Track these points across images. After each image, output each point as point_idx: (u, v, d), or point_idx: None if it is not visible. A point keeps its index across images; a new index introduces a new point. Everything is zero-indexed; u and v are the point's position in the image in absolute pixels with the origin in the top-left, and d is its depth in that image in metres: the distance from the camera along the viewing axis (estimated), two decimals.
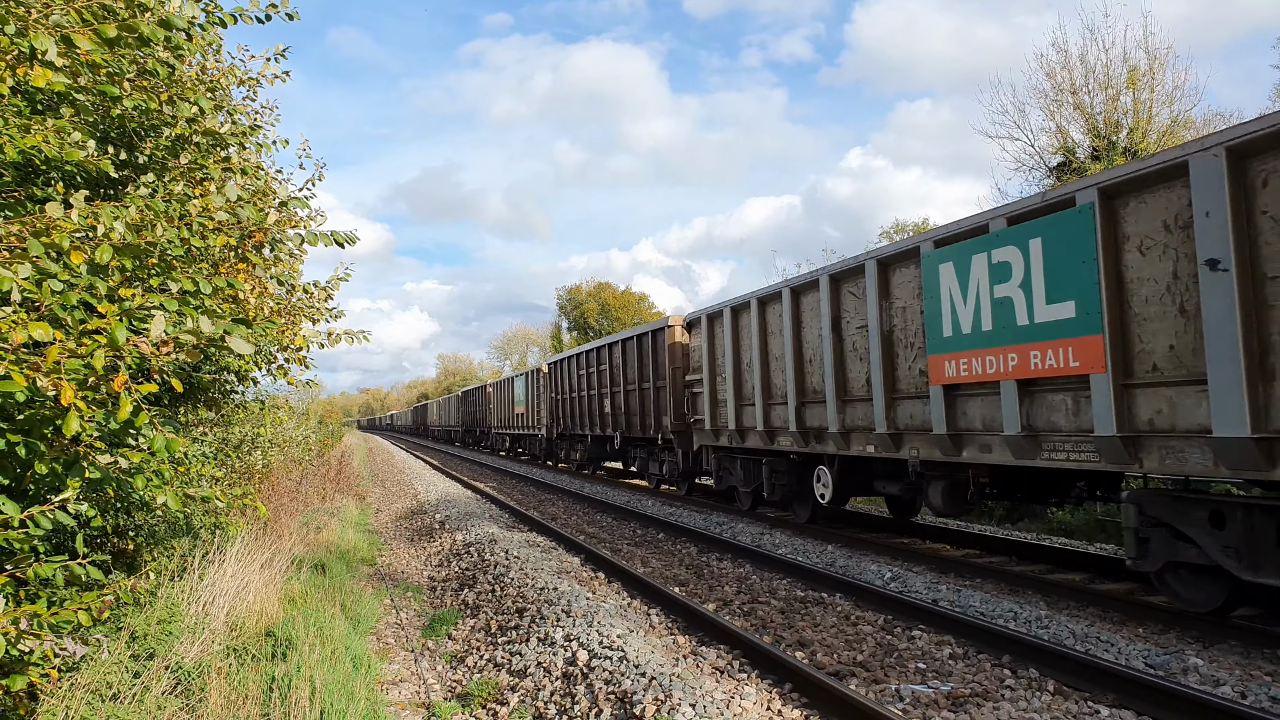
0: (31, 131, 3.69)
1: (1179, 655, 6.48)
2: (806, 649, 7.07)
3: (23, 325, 2.99)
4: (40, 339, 3.02)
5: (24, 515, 3.26)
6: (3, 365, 2.92)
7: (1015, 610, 7.89)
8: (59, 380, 2.99)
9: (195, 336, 3.23)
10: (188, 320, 3.25)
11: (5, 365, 2.93)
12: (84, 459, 3.55)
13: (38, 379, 2.97)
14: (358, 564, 11.37)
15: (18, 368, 2.96)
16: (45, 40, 3.28)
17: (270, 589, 7.14)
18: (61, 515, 3.37)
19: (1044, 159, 24.71)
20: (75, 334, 3.22)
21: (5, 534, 3.14)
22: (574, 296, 71.64)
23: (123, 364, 3.18)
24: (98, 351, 3.08)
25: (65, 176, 4.59)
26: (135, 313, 3.29)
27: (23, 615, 3.28)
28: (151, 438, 3.43)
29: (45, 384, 2.97)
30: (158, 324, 3.15)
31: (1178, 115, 22.49)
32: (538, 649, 6.93)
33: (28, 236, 3.13)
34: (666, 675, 5.82)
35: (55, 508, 3.34)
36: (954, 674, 6.32)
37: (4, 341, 2.97)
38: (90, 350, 3.10)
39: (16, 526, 3.23)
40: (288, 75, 6.35)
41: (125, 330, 3.09)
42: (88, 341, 3.15)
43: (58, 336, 3.08)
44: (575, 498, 19.92)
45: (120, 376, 3.11)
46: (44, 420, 3.37)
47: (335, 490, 17.62)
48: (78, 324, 3.28)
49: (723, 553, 11.84)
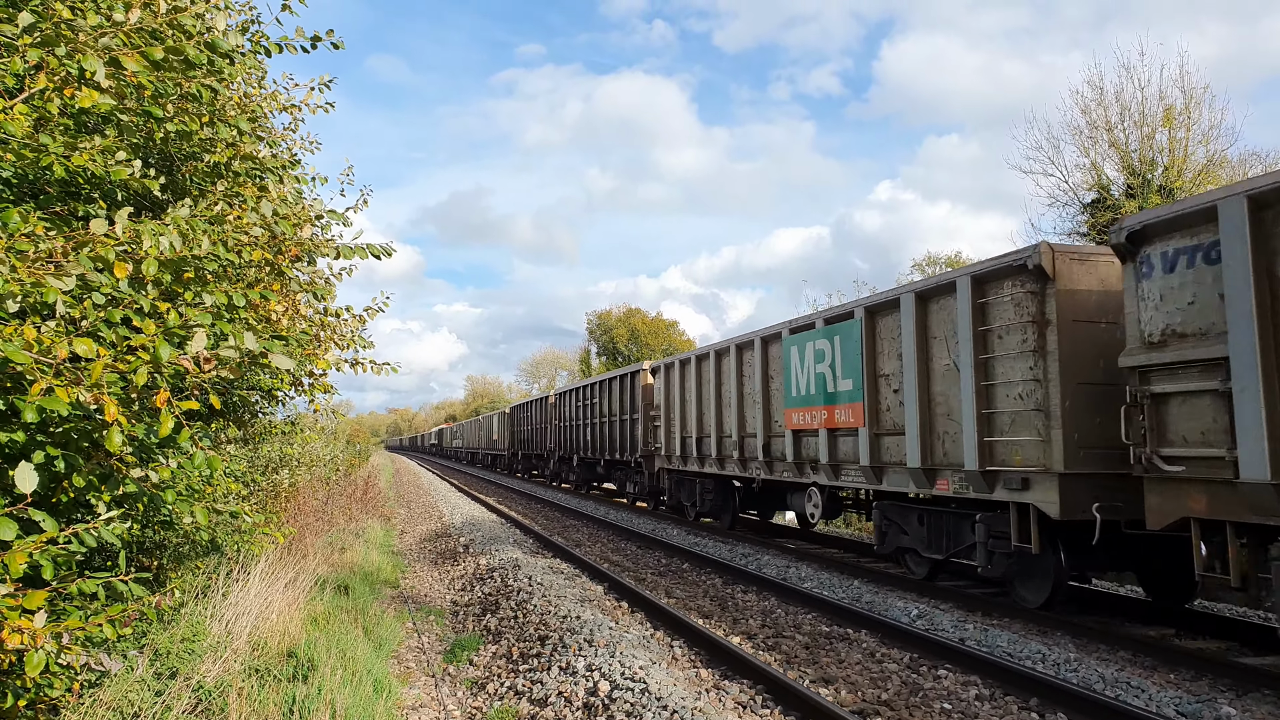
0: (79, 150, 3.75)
1: (1211, 704, 6.32)
2: (831, 685, 6.97)
3: (65, 340, 3.03)
4: (83, 354, 3.04)
5: (69, 532, 3.27)
6: (46, 380, 2.95)
7: (1043, 652, 7.74)
8: (101, 395, 3.01)
9: (238, 352, 3.26)
10: (230, 337, 3.28)
11: (49, 380, 2.96)
12: (117, 473, 3.57)
13: (80, 394, 2.99)
14: (381, 586, 11.37)
15: (60, 381, 2.99)
16: (94, 62, 3.34)
17: (293, 609, 7.15)
18: (105, 531, 3.37)
19: (1078, 195, 24.61)
20: (120, 349, 3.25)
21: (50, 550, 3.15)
22: (604, 321, 71.64)
23: (163, 380, 3.20)
24: (141, 368, 3.10)
25: (106, 195, 4.67)
26: (175, 331, 3.32)
27: (64, 630, 3.29)
28: (193, 454, 3.45)
29: (88, 399, 2.99)
30: (198, 340, 3.17)
31: (1214, 155, 22.37)
32: (559, 678, 6.88)
33: (70, 251, 3.18)
34: (688, 709, 5.76)
35: (101, 524, 3.35)
36: (980, 716, 6.20)
37: (48, 356, 3.00)
38: (134, 366, 3.12)
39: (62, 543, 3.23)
40: (331, 106, 6.40)
41: (169, 347, 3.11)
42: (130, 358, 3.17)
43: (100, 352, 3.11)
44: (589, 520, 19.88)
45: (162, 393, 3.13)
46: (83, 434, 3.40)
47: (361, 511, 17.66)
48: (122, 340, 3.31)
49: (748, 585, 11.73)
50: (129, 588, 3.64)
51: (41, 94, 3.52)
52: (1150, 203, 21.11)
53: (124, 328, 3.41)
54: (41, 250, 3.16)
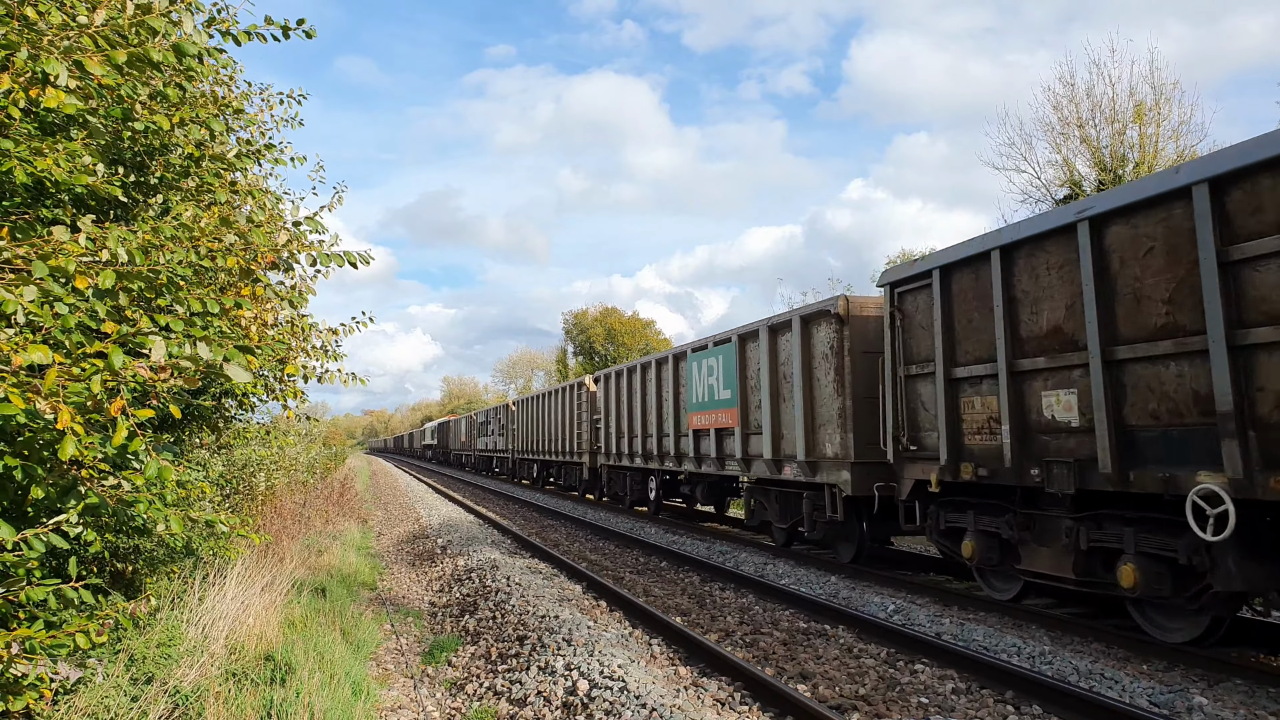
0: (44, 155, 3.71)
1: (1184, 694, 6.41)
2: (808, 681, 7.01)
3: (24, 348, 2.99)
4: (40, 361, 3.01)
5: (18, 538, 3.24)
6: (2, 388, 2.92)
7: (1019, 645, 7.82)
8: (57, 404, 2.98)
9: (194, 363, 3.23)
10: (185, 345, 3.25)
11: (5, 388, 2.92)
12: (82, 483, 3.53)
13: (37, 402, 2.96)
14: (359, 588, 11.32)
15: (18, 390, 2.96)
16: (57, 66, 3.30)
17: (271, 612, 7.11)
18: (55, 538, 3.35)
19: (1050, 191, 24.81)
20: (75, 357, 3.21)
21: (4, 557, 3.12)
22: (580, 321, 71.49)
23: (125, 388, 3.17)
24: (95, 376, 3.07)
25: (75, 199, 4.62)
26: (131, 340, 3.28)
27: (14, 640, 3.26)
28: (146, 463, 3.41)
29: (44, 407, 2.96)
30: (158, 349, 3.14)
31: (1183, 150, 22.60)
32: (538, 677, 6.88)
33: (34, 259, 3.14)
34: (667, 707, 5.78)
35: (49, 530, 3.32)
36: (957, 709, 6.26)
37: (5, 364, 2.97)
38: (89, 374, 3.09)
39: (11, 549, 3.20)
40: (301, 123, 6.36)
41: (122, 355, 3.08)
42: (86, 365, 3.14)
43: (58, 359, 3.07)
44: (566, 519, 19.91)
45: (118, 401, 3.10)
46: (44, 444, 3.36)
47: (338, 513, 17.56)
48: (75, 347, 3.27)
49: (725, 582, 11.77)
50: (78, 593, 3.61)
51: (7, 94, 3.48)
52: None
53: (79, 334, 3.36)
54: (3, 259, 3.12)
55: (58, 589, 3.59)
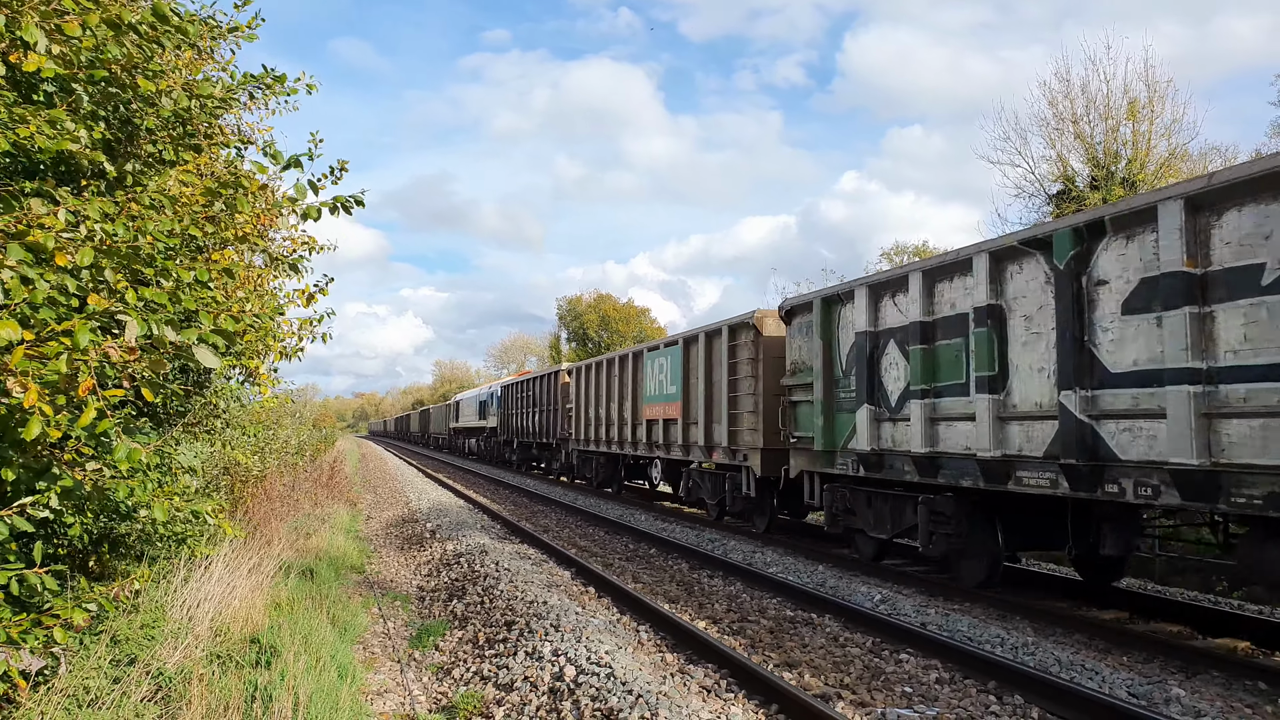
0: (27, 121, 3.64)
1: (1162, 685, 6.45)
2: (794, 669, 7.04)
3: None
4: (5, 339, 2.94)
5: None
6: None
7: (1002, 636, 7.86)
8: (26, 382, 2.92)
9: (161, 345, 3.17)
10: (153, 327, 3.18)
11: None
12: (57, 465, 3.47)
13: (6, 380, 2.90)
14: (346, 571, 11.30)
15: None
16: (35, 32, 3.25)
17: (257, 595, 7.08)
18: (19, 521, 3.28)
19: (1044, 186, 24.78)
20: (42, 335, 3.14)
21: None
22: (574, 308, 71.04)
23: (86, 368, 3.08)
24: (61, 355, 3.00)
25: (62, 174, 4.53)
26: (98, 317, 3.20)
27: None
28: (115, 445, 3.34)
29: (12, 384, 2.90)
30: (131, 328, 3.08)
31: (1176, 148, 22.60)
32: (525, 662, 6.89)
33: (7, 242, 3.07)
34: (653, 693, 5.79)
35: (13, 513, 3.26)
36: (940, 699, 6.29)
37: None
38: (55, 352, 3.02)
39: None
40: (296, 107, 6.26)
41: (89, 333, 3.01)
42: (53, 344, 3.07)
43: (26, 337, 3.01)
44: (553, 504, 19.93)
45: (86, 381, 3.03)
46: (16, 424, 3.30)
47: (327, 496, 17.51)
48: (41, 325, 3.19)
49: (714, 570, 11.79)
50: (41, 579, 3.54)
51: None
52: (1114, 195, 21.31)
53: (49, 310, 3.28)
54: None
55: (20, 574, 3.52)
